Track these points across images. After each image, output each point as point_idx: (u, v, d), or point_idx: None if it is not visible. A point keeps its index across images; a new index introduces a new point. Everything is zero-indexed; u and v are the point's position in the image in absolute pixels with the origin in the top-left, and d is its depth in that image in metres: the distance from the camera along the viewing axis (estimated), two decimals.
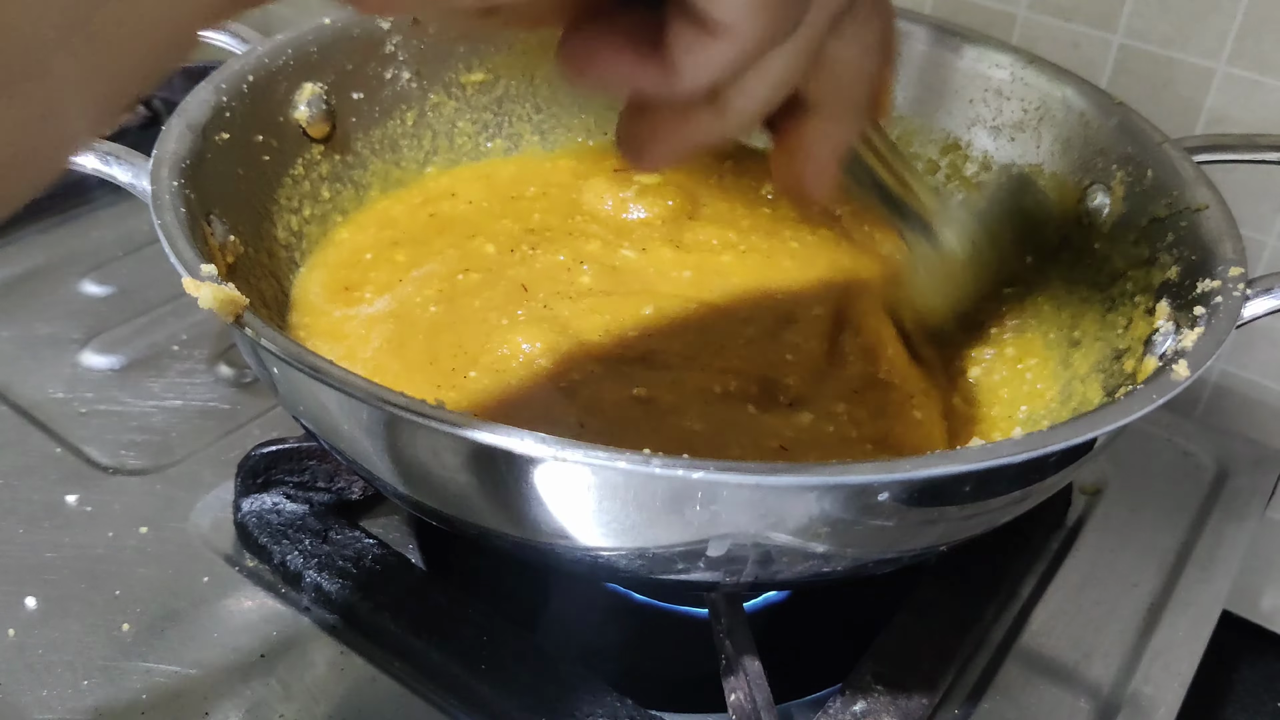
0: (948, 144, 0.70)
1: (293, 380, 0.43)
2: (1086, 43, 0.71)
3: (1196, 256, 0.52)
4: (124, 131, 0.89)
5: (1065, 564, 0.61)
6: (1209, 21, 0.66)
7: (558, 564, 0.46)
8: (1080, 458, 0.44)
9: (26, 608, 0.53)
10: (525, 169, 0.71)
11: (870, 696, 0.50)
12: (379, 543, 0.56)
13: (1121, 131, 0.61)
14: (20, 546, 0.56)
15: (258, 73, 0.58)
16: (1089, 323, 0.59)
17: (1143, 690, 0.54)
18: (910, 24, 0.70)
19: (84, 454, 0.62)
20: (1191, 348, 0.45)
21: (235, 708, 0.49)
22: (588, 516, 0.40)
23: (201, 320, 0.72)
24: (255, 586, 0.55)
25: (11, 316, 0.72)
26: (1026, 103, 0.66)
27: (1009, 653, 0.56)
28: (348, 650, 0.53)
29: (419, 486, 0.44)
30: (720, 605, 0.50)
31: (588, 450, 0.37)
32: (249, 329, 0.42)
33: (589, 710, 0.49)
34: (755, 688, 0.48)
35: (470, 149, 0.70)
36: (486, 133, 0.71)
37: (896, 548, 0.45)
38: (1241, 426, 0.74)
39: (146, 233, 0.80)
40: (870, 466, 0.39)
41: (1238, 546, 0.63)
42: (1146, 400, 0.42)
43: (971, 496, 0.42)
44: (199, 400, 0.66)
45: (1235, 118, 0.68)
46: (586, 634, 0.58)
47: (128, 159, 0.50)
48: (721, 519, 0.39)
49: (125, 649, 0.52)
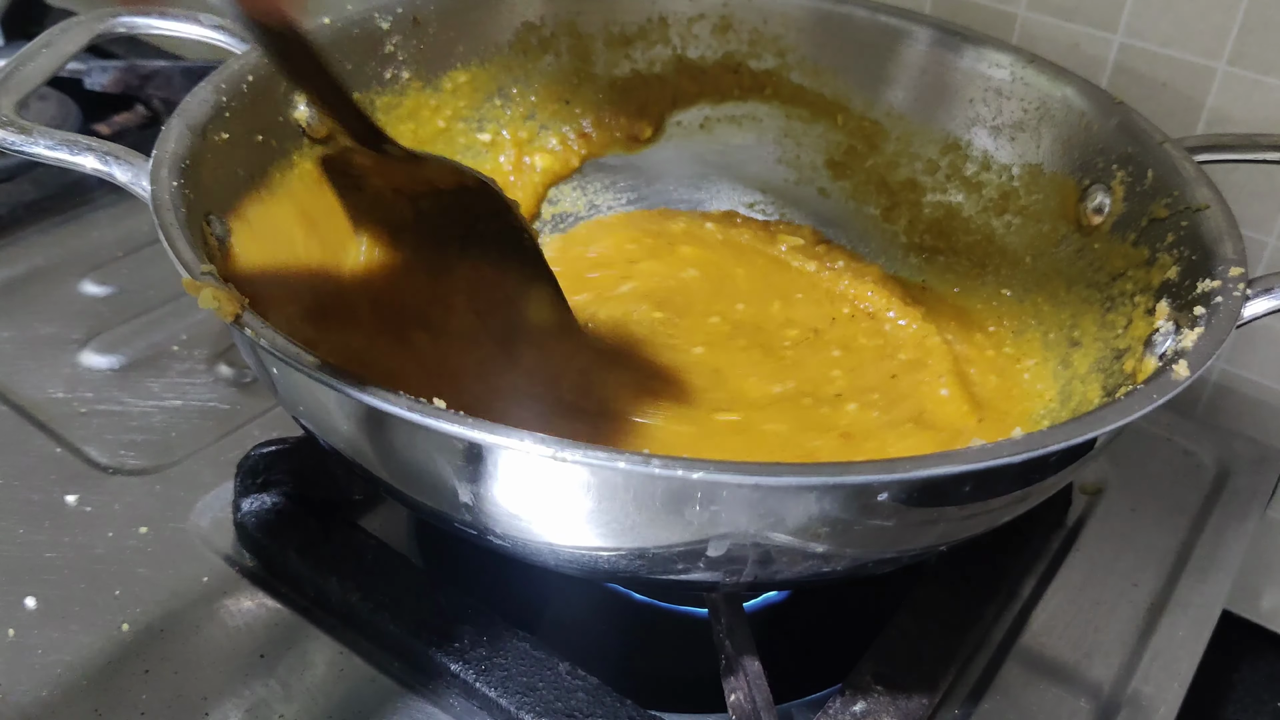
0: (948, 144, 0.70)
1: (292, 380, 0.43)
2: (1086, 43, 0.71)
3: (1197, 256, 0.52)
4: (124, 131, 0.89)
5: (1065, 564, 0.61)
6: (1209, 21, 0.66)
7: (557, 564, 0.46)
8: (1080, 458, 0.44)
9: (26, 608, 0.53)
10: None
11: (870, 696, 0.50)
12: (379, 543, 0.56)
13: (1122, 131, 0.61)
14: (20, 546, 0.56)
15: (257, 72, 0.58)
16: (1089, 322, 0.59)
17: (1143, 690, 0.54)
18: (910, 24, 0.70)
19: (84, 454, 0.62)
20: (1191, 348, 0.45)
21: (235, 708, 0.49)
22: (587, 517, 0.40)
23: (201, 320, 0.72)
24: (255, 586, 0.55)
25: (11, 316, 0.72)
26: (1026, 103, 0.66)
27: (1009, 653, 0.56)
28: (347, 650, 0.53)
29: (418, 486, 0.44)
30: (720, 605, 0.50)
31: (587, 450, 0.37)
32: (249, 329, 0.42)
33: (589, 710, 0.49)
34: (755, 688, 0.48)
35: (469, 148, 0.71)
36: (485, 132, 0.71)
37: (896, 548, 0.45)
38: (1241, 426, 0.74)
39: (146, 233, 0.80)
40: (870, 466, 0.39)
41: (1238, 546, 0.63)
42: (1146, 400, 0.42)
43: (971, 496, 0.42)
44: (199, 400, 0.66)
45: (1236, 118, 0.68)
46: (586, 634, 0.58)
47: (128, 159, 0.50)
48: (721, 519, 0.39)
49: (125, 649, 0.52)
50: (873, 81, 0.72)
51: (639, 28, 0.73)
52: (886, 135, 0.72)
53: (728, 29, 0.73)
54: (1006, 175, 0.67)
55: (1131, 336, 0.54)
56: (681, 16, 0.73)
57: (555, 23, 0.72)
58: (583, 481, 0.39)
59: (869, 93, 0.72)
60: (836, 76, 0.73)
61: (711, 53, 0.74)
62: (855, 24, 0.71)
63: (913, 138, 0.71)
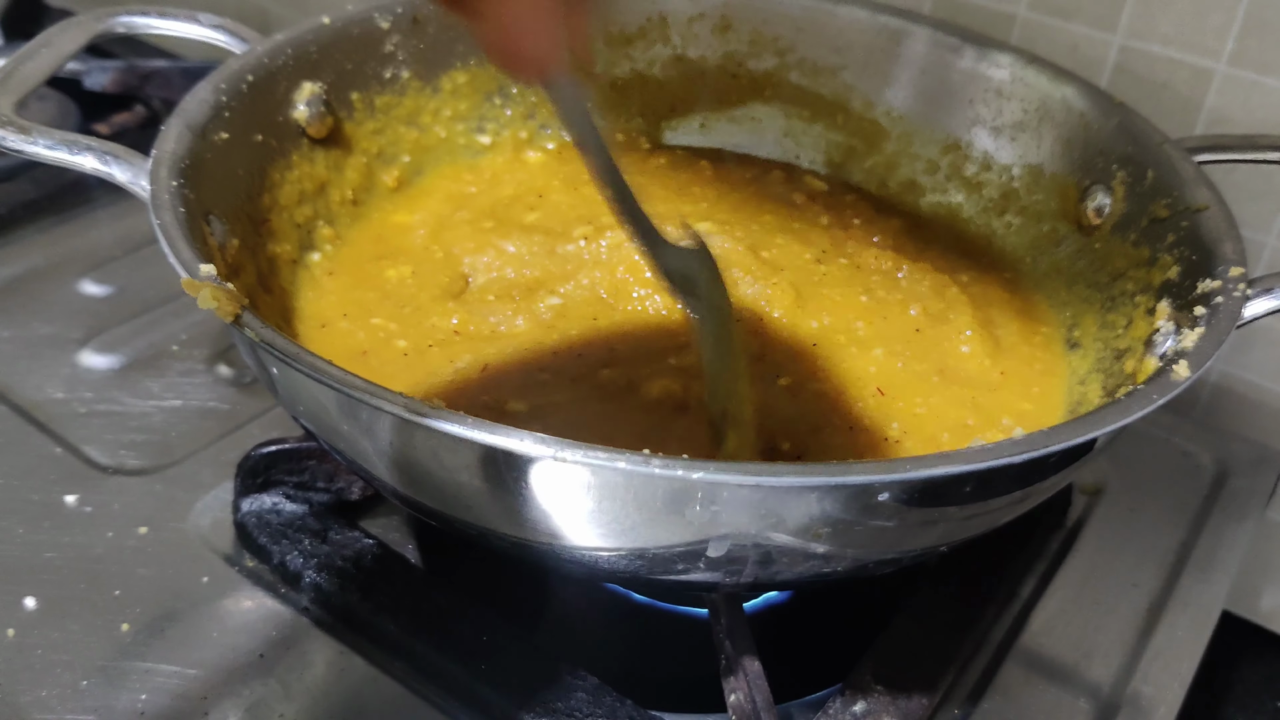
0: (948, 144, 0.70)
1: (292, 380, 0.43)
2: (1086, 43, 0.71)
3: (1197, 256, 0.52)
4: (123, 131, 0.89)
5: (1065, 564, 0.61)
6: (1209, 21, 0.66)
7: (557, 564, 0.46)
8: (1080, 458, 0.44)
9: (26, 608, 0.53)
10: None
11: (870, 696, 0.50)
12: (379, 543, 0.56)
13: (1122, 132, 0.61)
14: (20, 546, 0.56)
15: (257, 72, 0.58)
16: (1089, 323, 0.59)
17: (1143, 690, 0.54)
18: (910, 24, 0.70)
19: (84, 454, 0.62)
20: (1192, 348, 0.45)
21: (235, 708, 0.49)
22: (587, 517, 0.40)
23: (201, 320, 0.72)
24: (255, 586, 0.55)
25: (11, 316, 0.72)
26: (1027, 103, 0.66)
27: (1009, 653, 0.56)
28: (347, 650, 0.53)
29: (418, 486, 0.44)
30: (720, 605, 0.50)
31: (587, 450, 0.37)
32: (248, 329, 0.42)
33: (589, 710, 0.49)
34: (755, 688, 0.48)
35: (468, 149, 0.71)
36: (484, 133, 0.71)
37: (897, 548, 0.45)
38: (1241, 426, 0.74)
39: (146, 233, 0.79)
40: (870, 467, 0.39)
41: (1238, 546, 0.63)
42: (1146, 400, 0.42)
43: (971, 497, 0.42)
44: (199, 400, 0.66)
45: (1235, 118, 0.68)
46: (586, 634, 0.58)
47: (127, 159, 0.50)
48: (721, 519, 0.39)
49: (125, 649, 0.52)
50: (873, 82, 0.72)
51: (639, 27, 0.73)
52: (887, 135, 0.72)
53: (728, 29, 0.73)
54: (1007, 176, 0.67)
55: (1132, 337, 0.54)
56: (682, 16, 0.73)
57: None
58: (583, 482, 0.39)
59: (869, 93, 0.72)
60: (836, 77, 0.73)
61: (711, 52, 0.74)
62: (856, 24, 0.71)
63: (913, 138, 0.71)
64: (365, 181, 0.65)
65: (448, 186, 0.68)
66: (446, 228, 0.64)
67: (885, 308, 0.61)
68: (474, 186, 0.68)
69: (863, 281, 0.62)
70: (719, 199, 0.69)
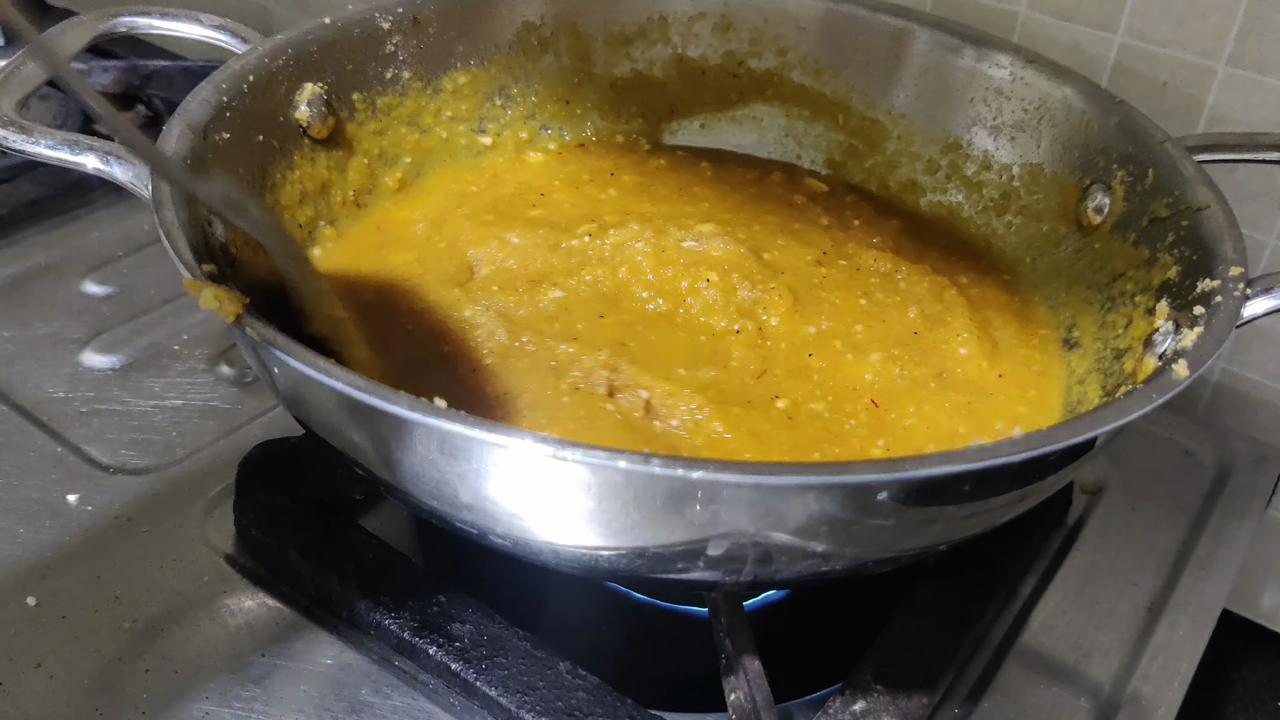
0: (948, 144, 0.70)
1: (293, 380, 0.43)
2: (1086, 42, 0.71)
3: (1197, 256, 0.52)
4: None
5: (1065, 564, 0.61)
6: (1209, 21, 0.66)
7: (558, 563, 0.46)
8: (1080, 457, 0.44)
9: (26, 607, 0.53)
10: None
11: (870, 696, 0.50)
12: (379, 543, 0.56)
13: (1122, 131, 0.61)
14: (21, 546, 0.56)
15: (258, 73, 0.58)
16: (1088, 323, 0.59)
17: (1143, 690, 0.54)
18: (911, 23, 0.70)
19: (85, 453, 0.62)
20: (1191, 347, 0.45)
21: (235, 707, 0.49)
22: (587, 516, 0.40)
23: (202, 320, 0.72)
24: (255, 586, 0.55)
25: (12, 316, 0.72)
26: (1027, 102, 0.66)
27: (1009, 652, 0.56)
28: (348, 649, 0.53)
29: (419, 485, 0.44)
30: (720, 604, 0.50)
31: (587, 450, 0.37)
32: (249, 329, 0.42)
33: (589, 710, 0.49)
34: (755, 687, 0.48)
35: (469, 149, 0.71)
36: (485, 134, 0.71)
37: (896, 547, 0.45)
38: (1242, 425, 0.74)
39: (147, 232, 0.80)
40: (870, 466, 0.39)
41: (1238, 546, 0.63)
42: (1146, 400, 0.42)
43: (971, 496, 0.42)
44: (199, 400, 0.66)
45: (1236, 117, 0.68)
46: (586, 634, 0.58)
47: (129, 159, 0.50)
48: (721, 518, 0.39)
49: (125, 649, 0.52)
50: (874, 81, 0.72)
51: (639, 27, 0.73)
52: (887, 135, 0.72)
53: (728, 28, 0.73)
54: (1007, 175, 0.67)
55: (1131, 336, 0.54)
56: (682, 15, 0.73)
57: (555, 22, 0.72)
58: (583, 481, 0.39)
59: (870, 92, 0.72)
60: (837, 76, 0.73)
61: (712, 52, 0.74)
62: (856, 23, 0.71)
63: (913, 137, 0.71)
64: (367, 182, 0.65)
65: (449, 186, 0.68)
66: (448, 221, 0.64)
67: (884, 310, 0.61)
68: (475, 186, 0.69)
69: (862, 284, 0.62)
70: (719, 200, 0.69)
